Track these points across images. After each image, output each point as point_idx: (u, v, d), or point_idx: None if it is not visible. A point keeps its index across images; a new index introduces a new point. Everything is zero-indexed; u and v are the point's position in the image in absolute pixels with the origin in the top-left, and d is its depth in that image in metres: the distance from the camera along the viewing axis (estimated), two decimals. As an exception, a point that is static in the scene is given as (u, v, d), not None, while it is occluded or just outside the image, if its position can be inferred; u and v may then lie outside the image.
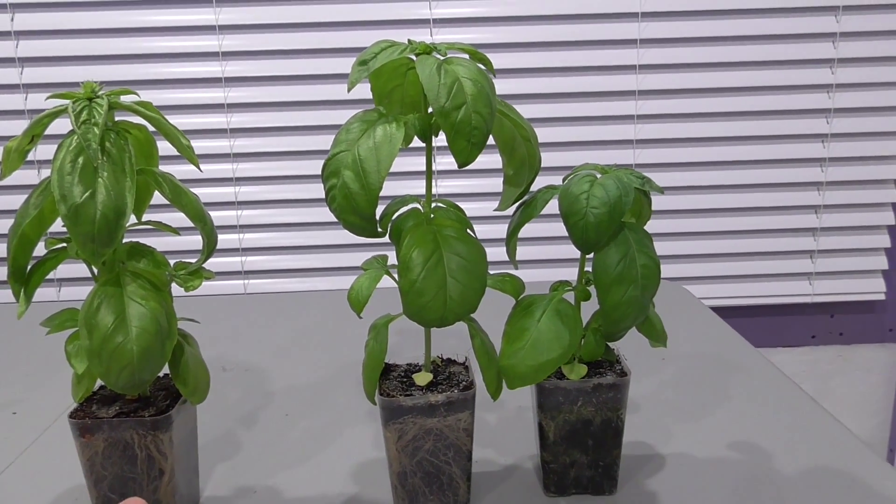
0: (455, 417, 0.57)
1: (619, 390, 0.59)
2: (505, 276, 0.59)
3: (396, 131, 0.50)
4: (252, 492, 0.64)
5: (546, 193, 0.56)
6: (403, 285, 0.51)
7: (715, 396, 0.79)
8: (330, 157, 0.51)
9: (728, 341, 0.93)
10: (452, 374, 0.60)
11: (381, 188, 0.49)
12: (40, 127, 0.50)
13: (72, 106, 0.48)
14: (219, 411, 0.78)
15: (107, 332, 0.50)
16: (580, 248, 0.54)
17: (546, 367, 0.55)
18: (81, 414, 0.55)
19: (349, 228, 0.51)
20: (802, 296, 1.77)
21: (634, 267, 0.54)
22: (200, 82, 1.56)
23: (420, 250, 0.51)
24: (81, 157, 0.47)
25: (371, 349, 0.57)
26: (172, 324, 0.53)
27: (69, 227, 0.47)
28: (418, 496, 0.59)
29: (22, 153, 0.50)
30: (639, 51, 1.60)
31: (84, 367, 0.51)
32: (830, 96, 1.65)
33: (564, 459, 0.60)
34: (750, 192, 1.70)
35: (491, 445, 0.70)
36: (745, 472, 0.64)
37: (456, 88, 0.48)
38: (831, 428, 0.71)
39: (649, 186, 0.55)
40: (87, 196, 0.46)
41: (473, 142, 0.49)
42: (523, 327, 0.56)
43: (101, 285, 0.51)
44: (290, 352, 0.95)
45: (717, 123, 1.66)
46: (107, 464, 0.55)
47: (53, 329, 0.54)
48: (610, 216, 0.52)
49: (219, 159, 1.61)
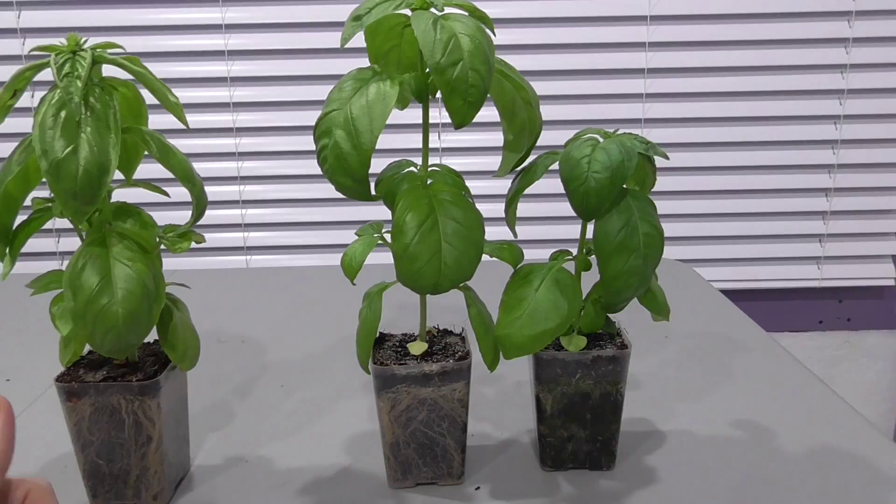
0: (450, 388, 0.55)
1: (619, 363, 0.57)
2: (503, 244, 0.57)
3: (391, 89, 0.48)
4: (243, 461, 0.63)
5: (547, 159, 0.54)
6: (397, 249, 0.49)
7: (719, 375, 0.77)
8: (321, 117, 0.49)
9: (735, 322, 0.92)
10: (448, 345, 0.59)
11: (373, 149, 0.47)
12: (22, 81, 0.48)
13: (54, 59, 0.46)
14: (213, 381, 0.77)
15: (91, 293, 0.48)
16: (581, 215, 0.52)
17: (543, 336, 0.53)
18: (68, 378, 0.54)
19: (341, 190, 0.50)
20: (810, 280, 1.75)
21: (637, 235, 0.52)
22: (203, 55, 1.54)
23: (414, 214, 0.50)
24: (64, 111, 0.45)
25: (365, 317, 0.56)
26: (160, 287, 0.52)
27: (51, 184, 0.45)
28: (411, 467, 0.58)
29: (4, 108, 0.48)
30: (648, 27, 1.57)
31: (69, 328, 0.50)
32: (844, 77, 1.62)
33: (562, 433, 0.59)
34: (759, 173, 1.68)
35: (487, 419, 0.68)
36: (748, 451, 0.63)
37: (452, 44, 0.46)
38: (837, 408, 0.70)
39: (653, 151, 0.53)
40: (70, 151, 0.45)
41: (470, 101, 0.47)
42: (521, 296, 0.54)
43: (87, 245, 0.49)
44: (288, 325, 0.94)
45: (726, 103, 1.62)
46: (94, 429, 0.54)
47: (38, 290, 0.52)
48: (611, 181, 0.50)
49: (221, 134, 1.59)
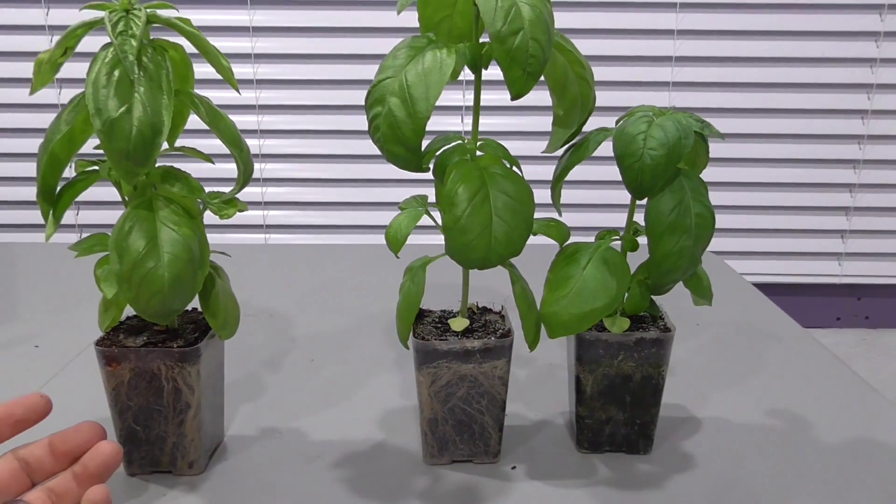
0: (491, 364, 0.55)
1: (662, 346, 0.56)
2: (550, 221, 0.56)
3: (447, 57, 0.47)
4: (277, 433, 0.63)
5: (599, 135, 0.54)
6: (447, 221, 0.49)
7: (752, 364, 0.76)
8: (374, 84, 0.48)
9: (766, 312, 0.91)
10: (488, 322, 0.58)
11: (429, 117, 0.46)
12: (73, 39, 0.47)
13: (108, 16, 0.45)
14: (243, 353, 0.77)
15: (138, 256, 0.48)
16: (633, 193, 0.51)
17: (590, 316, 0.52)
18: (108, 342, 0.53)
19: (392, 160, 0.49)
20: (830, 276, 1.74)
21: (689, 215, 0.51)
22: (228, 31, 1.53)
23: (466, 186, 0.49)
24: (117, 70, 0.45)
25: (407, 290, 0.55)
26: (205, 253, 0.51)
27: (103, 143, 0.45)
28: (448, 444, 0.57)
29: (54, 65, 0.47)
30: (678, 15, 1.55)
31: (113, 291, 0.50)
32: (874, 71, 1.60)
33: (600, 415, 0.58)
34: (783, 166, 1.66)
35: (521, 400, 0.68)
36: (784, 440, 0.62)
37: (514, 13, 0.45)
38: (872, 399, 0.69)
39: (709, 131, 0.52)
40: (124, 111, 0.44)
41: (529, 71, 0.46)
42: (568, 275, 0.54)
43: (133, 208, 0.49)
44: (314, 300, 0.93)
45: (751, 94, 1.61)
46: (132, 394, 0.54)
47: (81, 252, 0.52)
48: (667, 159, 0.49)
49: (244, 110, 1.58)
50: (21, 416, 0.41)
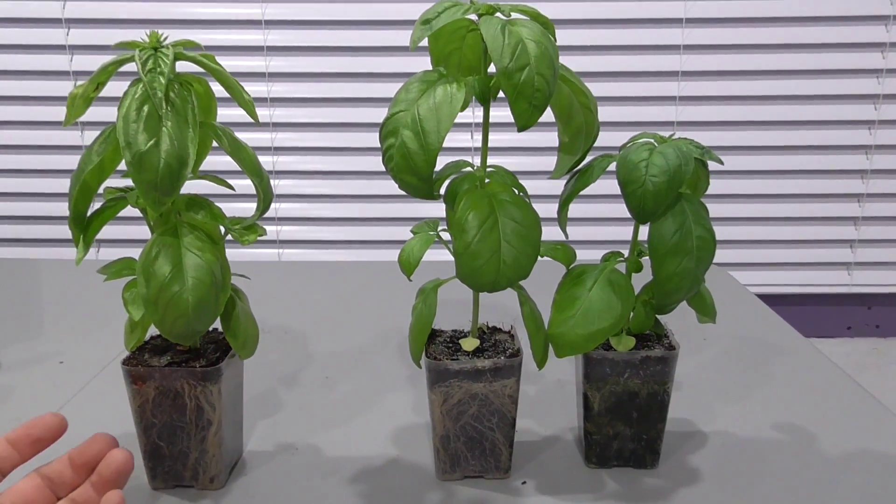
0: (501, 383, 0.57)
1: (667, 363, 0.58)
2: (557, 245, 0.58)
3: (457, 92, 0.49)
4: (294, 449, 0.65)
5: (603, 161, 0.56)
6: (458, 247, 0.51)
7: (758, 378, 0.78)
8: (389, 117, 0.50)
9: (772, 325, 0.92)
10: (498, 342, 0.60)
11: (440, 149, 0.49)
12: (105, 75, 0.50)
13: (138, 54, 0.48)
14: (259, 370, 0.79)
15: (164, 281, 0.50)
16: (637, 218, 0.53)
17: (596, 336, 0.54)
18: (134, 361, 0.56)
19: (405, 188, 0.51)
20: (840, 286, 1.74)
21: (690, 238, 0.53)
22: (242, 50, 1.56)
23: (476, 213, 0.51)
24: (147, 105, 0.47)
25: (419, 312, 0.57)
26: (227, 277, 0.54)
27: (133, 175, 0.47)
28: (460, 460, 0.59)
29: (87, 100, 0.50)
30: (683, 30, 1.57)
31: (140, 313, 0.52)
32: (880, 81, 1.61)
33: (608, 431, 0.60)
34: (791, 177, 1.67)
35: (531, 416, 0.70)
36: (790, 454, 0.64)
37: (520, 49, 0.48)
38: (878, 412, 0.70)
39: (709, 156, 0.54)
40: (152, 144, 0.47)
41: (535, 104, 0.48)
42: (574, 296, 0.56)
43: (160, 235, 0.51)
44: (329, 317, 0.96)
45: (758, 107, 1.62)
46: (157, 412, 0.56)
47: (110, 276, 0.54)
48: (668, 185, 0.51)
49: (258, 128, 1.62)
50: (39, 435, 0.44)
